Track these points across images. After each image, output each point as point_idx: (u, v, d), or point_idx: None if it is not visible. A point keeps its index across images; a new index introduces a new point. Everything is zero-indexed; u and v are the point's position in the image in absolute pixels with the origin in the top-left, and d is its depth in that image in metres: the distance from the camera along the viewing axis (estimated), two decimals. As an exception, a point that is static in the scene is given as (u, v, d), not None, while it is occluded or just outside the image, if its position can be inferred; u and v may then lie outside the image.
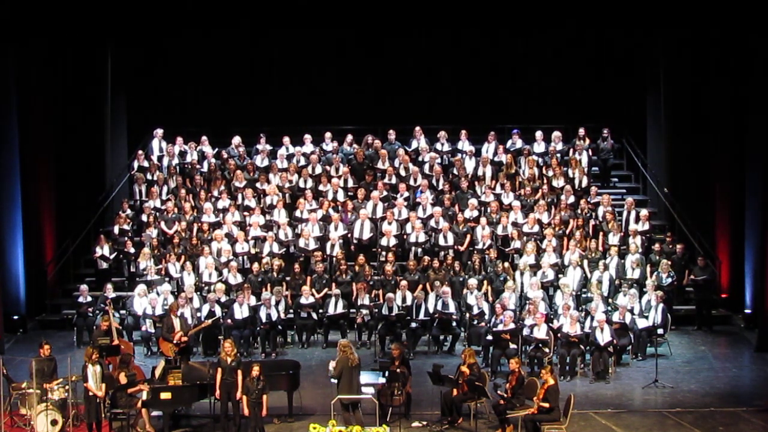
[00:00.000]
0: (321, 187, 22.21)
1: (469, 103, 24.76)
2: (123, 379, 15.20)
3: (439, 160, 22.82)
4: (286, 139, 23.45)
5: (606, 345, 17.70)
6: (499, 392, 15.37)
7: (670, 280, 19.89)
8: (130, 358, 15.85)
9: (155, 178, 22.64)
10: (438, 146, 23.25)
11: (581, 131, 23.33)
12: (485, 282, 19.80)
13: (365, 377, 15.59)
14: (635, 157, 24.14)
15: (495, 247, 20.57)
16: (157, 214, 21.70)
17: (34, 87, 21.44)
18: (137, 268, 20.66)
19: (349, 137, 23.64)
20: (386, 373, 15.67)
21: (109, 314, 17.66)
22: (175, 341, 17.43)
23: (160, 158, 23.38)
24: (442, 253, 20.54)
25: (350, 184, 22.33)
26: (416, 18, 24.29)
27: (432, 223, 21.12)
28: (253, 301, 19.27)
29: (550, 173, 22.37)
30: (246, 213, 21.63)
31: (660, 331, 18.67)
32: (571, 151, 23.00)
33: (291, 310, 19.74)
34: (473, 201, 21.60)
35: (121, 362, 15.61)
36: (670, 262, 20.08)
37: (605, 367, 17.69)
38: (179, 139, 23.57)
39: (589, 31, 24.28)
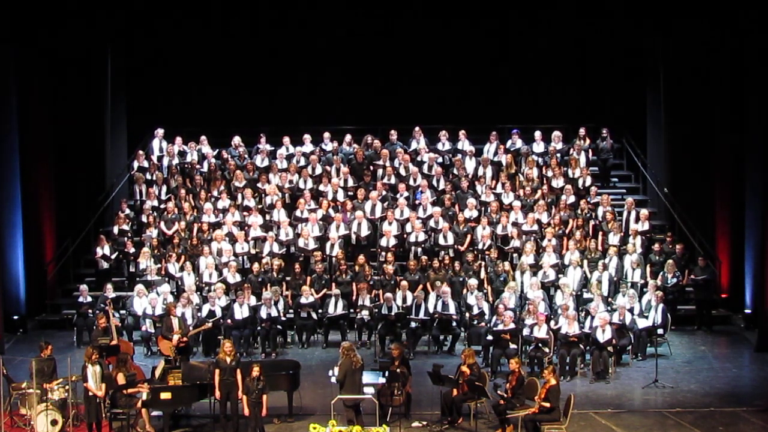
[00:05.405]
0: (321, 187, 22.21)
1: (469, 102, 24.75)
2: (121, 379, 15.19)
3: (440, 160, 22.83)
4: (286, 139, 23.45)
5: (606, 343, 17.70)
6: (499, 392, 15.36)
7: (675, 280, 19.90)
8: (127, 357, 15.82)
9: (155, 178, 22.64)
10: (438, 146, 23.25)
11: (581, 131, 23.35)
12: (485, 282, 19.80)
13: (365, 377, 15.56)
14: (635, 157, 24.13)
15: (495, 247, 20.57)
16: (157, 213, 21.70)
17: (34, 87, 21.43)
18: (137, 268, 20.67)
19: (349, 137, 23.64)
20: (386, 373, 15.66)
21: (108, 313, 17.67)
22: (174, 342, 17.45)
23: (160, 158, 23.38)
24: (441, 253, 20.55)
25: (350, 184, 22.34)
26: (417, 18, 24.29)
27: (432, 223, 21.12)
28: (253, 301, 19.27)
29: (550, 173, 22.38)
30: (246, 213, 21.62)
31: (660, 331, 18.67)
32: (571, 151, 23.01)
33: (291, 310, 19.74)
34: (473, 201, 21.61)
35: (119, 362, 15.60)
36: (673, 262, 20.08)
37: (605, 367, 17.68)
38: (179, 139, 23.57)
39: (590, 31, 24.27)
